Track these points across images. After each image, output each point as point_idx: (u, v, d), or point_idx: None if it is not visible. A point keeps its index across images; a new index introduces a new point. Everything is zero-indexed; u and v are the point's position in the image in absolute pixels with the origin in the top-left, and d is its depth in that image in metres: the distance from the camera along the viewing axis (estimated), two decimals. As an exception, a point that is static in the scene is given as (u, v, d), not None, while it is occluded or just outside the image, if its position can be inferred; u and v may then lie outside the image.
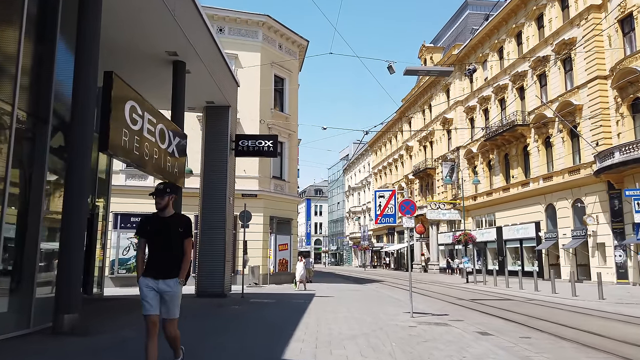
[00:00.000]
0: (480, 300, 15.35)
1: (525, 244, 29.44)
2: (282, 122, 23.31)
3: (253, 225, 21.03)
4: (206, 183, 13.97)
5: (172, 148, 9.86)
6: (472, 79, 36.73)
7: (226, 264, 13.73)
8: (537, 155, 28.20)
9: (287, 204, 23.24)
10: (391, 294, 17.65)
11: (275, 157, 15.00)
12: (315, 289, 19.09)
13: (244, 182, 21.49)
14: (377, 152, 62.29)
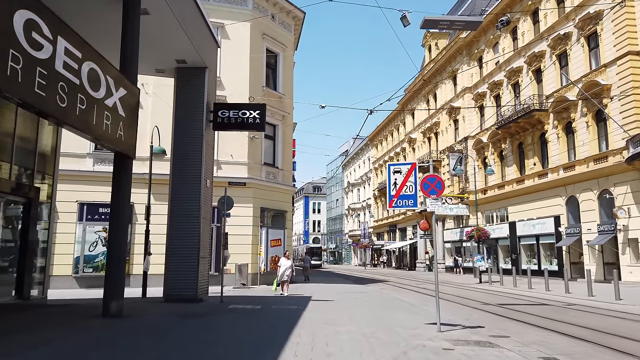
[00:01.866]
0: (510, 305, 12.77)
1: (542, 240, 26.88)
2: (275, 102, 20.71)
3: (241, 218, 18.45)
4: (176, 162, 11.35)
5: (112, 101, 7.26)
6: (482, 63, 34.15)
7: (201, 262, 11.12)
8: (556, 143, 25.63)
9: (280, 194, 20.64)
10: (400, 296, 15.07)
11: (263, 131, 12.38)
12: (312, 291, 16.49)
13: (231, 168, 18.89)
14: (378, 146, 59.70)
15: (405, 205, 8.11)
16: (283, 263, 14.41)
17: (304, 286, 19.26)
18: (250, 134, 19.19)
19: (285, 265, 14.36)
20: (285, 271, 14.25)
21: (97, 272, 17.18)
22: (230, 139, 18.96)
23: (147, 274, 12.83)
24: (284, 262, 14.46)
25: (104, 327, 7.43)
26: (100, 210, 17.41)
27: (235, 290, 16.41)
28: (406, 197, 8.03)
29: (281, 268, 14.30)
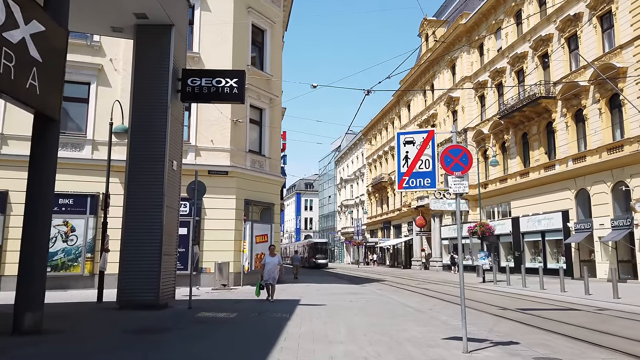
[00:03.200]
0: (532, 311, 10.92)
1: (548, 236, 25.19)
2: (262, 84, 18.69)
3: (222, 211, 16.45)
4: (135, 140, 9.33)
5: (18, 36, 5.24)
6: (483, 50, 32.37)
7: (165, 260, 9.12)
8: (564, 133, 23.92)
9: (267, 185, 18.64)
10: (402, 299, 13.17)
11: (242, 102, 10.35)
12: (301, 293, 14.55)
13: (211, 155, 16.87)
14: (372, 141, 57.85)
15: (420, 186, 6.18)
16: (268, 261, 11.60)
17: (292, 287, 17.31)
18: (234, 117, 17.17)
19: (271, 263, 11.57)
20: (271, 271, 11.53)
21: (56, 271, 15.10)
22: (211, 121, 16.95)
23: (103, 274, 10.81)
24: (269, 259, 11.61)
25: None
26: (60, 200, 15.31)
27: (214, 293, 14.41)
28: (421, 175, 6.11)
29: (266, 267, 11.54)
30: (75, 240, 15.35)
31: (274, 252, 12.10)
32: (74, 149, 15.93)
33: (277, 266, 11.75)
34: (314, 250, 48.48)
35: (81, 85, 16.21)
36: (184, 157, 16.31)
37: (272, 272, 11.62)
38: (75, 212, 15.40)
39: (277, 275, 11.79)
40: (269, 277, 11.61)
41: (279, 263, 11.82)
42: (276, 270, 11.73)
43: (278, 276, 11.84)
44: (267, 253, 12.04)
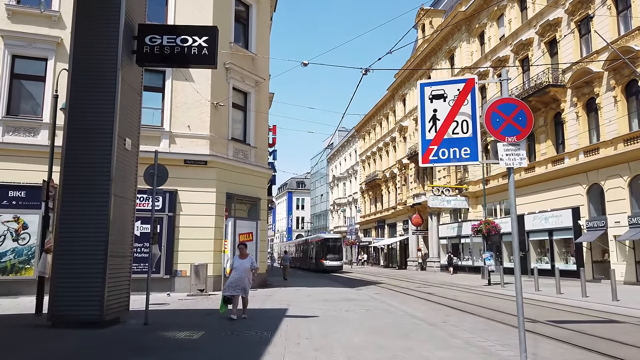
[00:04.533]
0: (568, 324, 9.08)
1: (556, 235, 23.49)
2: (247, 64, 16.70)
3: (200, 206, 14.48)
4: (74, 109, 7.30)
5: None
6: (484, 39, 30.63)
7: (112, 263, 7.12)
8: (574, 124, 22.23)
9: (252, 177, 16.66)
10: (406, 307, 11.28)
11: (214, 66, 8.37)
12: (289, 299, 12.60)
13: (187, 143, 14.86)
14: (365, 137, 56.04)
15: (455, 159, 4.32)
16: (237, 265, 8.69)
17: (279, 292, 15.37)
18: (214, 99, 15.17)
19: (240, 268, 8.60)
20: (241, 279, 8.53)
21: (5, 275, 12.99)
22: (187, 105, 14.93)
23: (44, 280, 8.76)
24: (238, 262, 8.71)
25: None
26: (10, 193, 13.21)
27: (188, 300, 12.41)
28: (456, 143, 4.26)
29: (233, 273, 8.61)
30: (27, 239, 13.25)
31: (245, 252, 8.95)
32: (28, 133, 13.81)
33: (248, 272, 8.76)
34: (323, 249, 36.82)
35: (37, 61, 14.11)
36: (156, 144, 14.32)
37: (241, 281, 8.55)
38: (28, 207, 13.28)
39: (248, 284, 8.86)
40: (237, 287, 8.55)
41: (252, 267, 8.84)
42: (248, 277, 8.77)
43: (250, 285, 9.04)
44: (236, 254, 8.97)
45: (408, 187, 41.37)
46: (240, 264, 8.75)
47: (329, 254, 36.16)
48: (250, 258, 8.99)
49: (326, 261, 35.47)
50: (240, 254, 8.97)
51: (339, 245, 37.76)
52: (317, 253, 37.78)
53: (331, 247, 36.89)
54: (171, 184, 14.32)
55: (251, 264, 8.89)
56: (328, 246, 36.84)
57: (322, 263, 35.55)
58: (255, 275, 9.29)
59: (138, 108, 8.42)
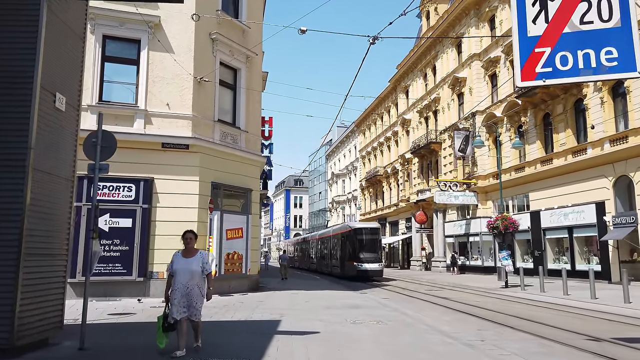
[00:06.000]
0: (636, 343, 7.07)
1: (577, 233, 21.52)
2: (237, 35, 14.65)
3: (180, 197, 12.44)
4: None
5: None
6: (494, 23, 28.64)
7: (26, 264, 5.06)
8: (599, 110, 20.26)
9: (242, 165, 14.61)
10: (424, 316, 9.26)
11: (181, 2, 6.40)
12: (283, 307, 10.56)
13: (166, 123, 12.80)
14: (366, 133, 54.05)
15: (587, 70, 2.25)
16: (179, 267, 5.53)
17: (274, 296, 13.33)
18: (198, 73, 13.11)
19: (183, 271, 5.50)
20: (187, 293, 5.47)
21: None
22: (166, 79, 12.87)
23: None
24: (180, 264, 5.55)
25: None
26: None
27: (162, 307, 10.34)
28: (590, 40, 2.16)
29: (176, 280, 5.50)
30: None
31: (193, 246, 5.71)
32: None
33: (197, 278, 5.52)
34: (353, 244, 24.55)
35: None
36: (129, 125, 12.26)
37: (189, 296, 5.44)
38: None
39: (199, 299, 5.56)
40: (180, 305, 5.41)
41: (203, 271, 5.59)
42: (197, 287, 5.50)
43: (204, 301, 5.65)
44: (177, 252, 5.75)
45: (411, 183, 39.38)
46: (184, 267, 5.45)
47: (364, 252, 23.84)
48: (200, 256, 5.63)
49: (360, 263, 23.19)
50: (185, 250, 5.64)
51: (377, 239, 24.92)
52: (344, 251, 25.93)
53: (367, 242, 24.38)
54: (146, 171, 12.32)
55: (202, 266, 5.55)
56: (361, 240, 24.40)
57: (353, 266, 23.53)
58: (210, 288, 5.64)
59: (79, 57, 6.37)
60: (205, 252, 5.92)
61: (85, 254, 11.67)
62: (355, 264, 23.41)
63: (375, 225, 26.94)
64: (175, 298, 5.46)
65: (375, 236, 25.22)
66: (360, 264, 23.32)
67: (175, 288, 5.49)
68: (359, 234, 24.87)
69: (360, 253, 23.88)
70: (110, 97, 12.60)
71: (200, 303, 5.63)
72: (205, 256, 5.79)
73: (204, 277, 5.67)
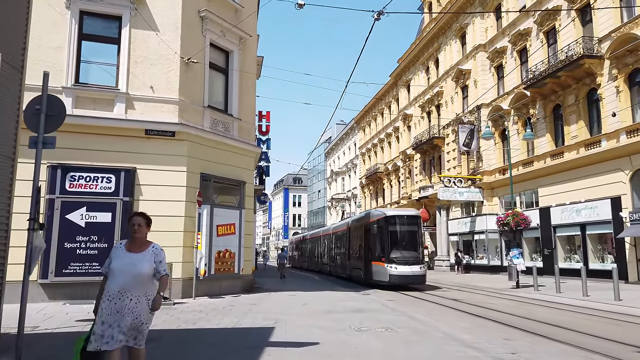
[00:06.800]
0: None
1: (590, 230, 20.40)
2: (229, 15, 13.48)
3: (165, 189, 11.31)
4: None
5: None
6: (501, 12, 27.50)
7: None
8: (614, 100, 19.14)
9: (235, 155, 13.45)
10: (443, 325, 8.12)
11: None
12: (278, 312, 9.42)
13: (150, 108, 11.63)
14: (366, 129, 52.92)
15: None
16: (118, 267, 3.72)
17: (268, 298, 12.18)
18: (185, 54, 11.94)
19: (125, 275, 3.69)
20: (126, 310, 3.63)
21: None
22: (150, 60, 11.71)
23: None
24: (122, 261, 3.74)
25: None
26: None
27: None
28: None
29: (110, 284, 3.70)
30: None
31: (143, 237, 3.95)
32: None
33: (149, 284, 3.81)
34: (386, 238, 17.55)
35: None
36: (108, 110, 11.11)
37: (129, 311, 3.65)
38: None
39: (147, 318, 3.77)
40: (112, 326, 3.59)
41: (156, 275, 3.84)
42: (145, 300, 3.73)
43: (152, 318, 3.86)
44: (118, 244, 3.97)
45: (413, 179, 38.26)
46: (126, 266, 3.73)
47: (400, 250, 17.09)
48: (153, 252, 3.87)
49: (394, 265, 16.65)
50: (129, 241, 3.93)
51: (417, 232, 17.97)
52: (369, 249, 18.54)
53: (403, 236, 17.70)
54: (128, 161, 11.17)
55: (154, 267, 3.81)
56: (396, 233, 17.61)
57: (383, 269, 16.92)
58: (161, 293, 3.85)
59: (24, 9, 5.21)
60: (159, 247, 3.96)
61: (59, 251, 10.54)
62: (387, 267, 16.60)
63: (414, 213, 18.78)
64: (104, 314, 3.57)
65: (415, 227, 17.88)
66: (395, 266, 16.55)
67: (108, 298, 3.62)
68: (392, 223, 17.56)
69: (394, 251, 16.99)
70: (87, 78, 11.43)
71: (148, 322, 3.76)
72: (160, 253, 3.90)
73: (155, 283, 3.80)
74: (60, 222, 10.56)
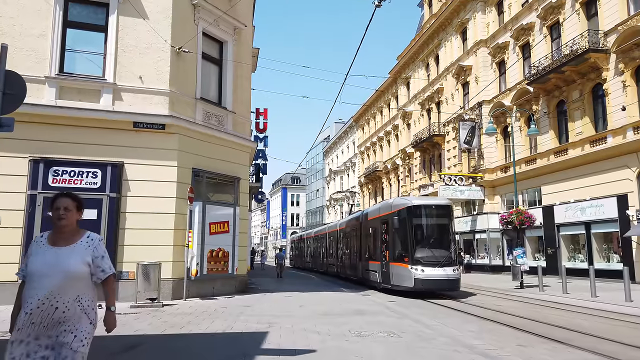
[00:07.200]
0: None
1: (595, 229, 19.89)
2: (222, 3, 12.87)
3: (154, 185, 10.75)
4: None
5: None
6: (502, 7, 26.98)
7: None
8: (620, 95, 18.62)
9: (229, 150, 12.86)
10: (451, 329, 7.57)
11: None
12: (273, 314, 8.85)
13: (139, 99, 11.04)
14: (364, 128, 52.36)
15: None
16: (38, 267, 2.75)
17: (263, 299, 11.61)
18: (176, 43, 11.36)
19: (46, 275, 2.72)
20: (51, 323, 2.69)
21: None
22: (140, 49, 11.12)
23: None
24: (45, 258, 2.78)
25: None
26: None
27: (128, 315, 8.60)
28: None
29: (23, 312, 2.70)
30: None
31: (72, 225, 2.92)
32: None
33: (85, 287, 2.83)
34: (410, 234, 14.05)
35: None
36: (95, 101, 10.54)
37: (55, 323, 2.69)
38: None
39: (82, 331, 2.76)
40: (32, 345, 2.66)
41: (95, 274, 2.89)
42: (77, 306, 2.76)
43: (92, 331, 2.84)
44: (39, 237, 2.94)
45: (412, 178, 37.72)
46: (49, 266, 2.76)
47: (425, 247, 14.05)
48: (87, 243, 2.91)
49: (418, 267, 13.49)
50: (52, 232, 2.94)
51: (448, 226, 14.80)
52: (389, 247, 15.09)
53: (430, 230, 14.74)
54: (115, 155, 10.59)
55: (90, 262, 2.88)
56: (421, 227, 14.58)
57: (406, 272, 13.73)
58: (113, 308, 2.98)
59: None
60: (97, 237, 3.01)
61: (41, 250, 9.92)
62: (412, 269, 13.36)
63: (445, 202, 15.41)
64: (23, 332, 2.68)
65: (446, 220, 14.61)
66: (421, 267, 13.28)
67: (26, 310, 2.70)
68: (417, 215, 14.26)
69: (421, 249, 13.79)
70: (73, 68, 10.83)
71: (84, 336, 2.76)
72: (100, 245, 2.97)
73: (95, 283, 2.93)
74: (43, 219, 9.96)
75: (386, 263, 15.00)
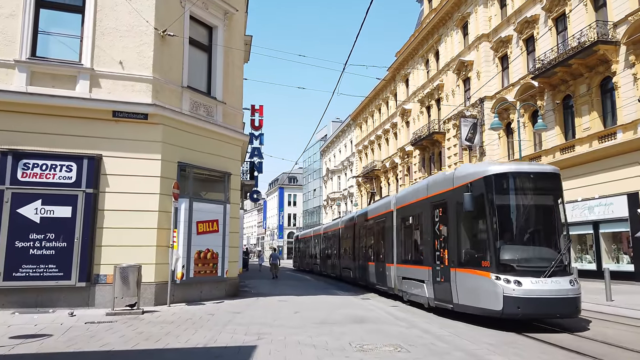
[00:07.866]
0: None
1: (604, 228, 19.09)
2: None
3: (136, 180, 9.88)
4: None
5: None
6: (505, 0, 26.16)
7: None
8: (630, 89, 17.82)
9: (219, 143, 11.93)
10: (467, 343, 6.68)
11: None
12: (263, 322, 7.94)
13: (119, 87, 10.11)
14: (362, 126, 51.52)
15: None
16: None
17: (254, 304, 10.70)
18: (160, 25, 10.43)
19: None
20: None
21: None
22: (120, 31, 10.19)
23: None
24: None
25: None
26: None
27: (103, 323, 7.69)
28: None
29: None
30: None
31: None
32: None
33: None
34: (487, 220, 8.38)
35: None
36: (70, 88, 9.62)
37: None
38: None
39: None
40: None
41: None
42: None
43: None
44: None
45: (411, 177, 36.87)
46: None
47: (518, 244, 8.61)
48: None
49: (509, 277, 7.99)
50: None
51: (553, 208, 8.88)
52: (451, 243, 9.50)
53: (527, 214, 8.81)
54: (92, 147, 9.67)
55: None
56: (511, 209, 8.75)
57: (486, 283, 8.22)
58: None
59: None
60: None
61: (8, 251, 9.00)
62: (497, 280, 8.11)
63: (551, 169, 9.33)
64: None
65: (551, 200, 9.04)
66: (515, 278, 8.01)
67: None
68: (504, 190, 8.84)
69: (513, 247, 8.61)
70: (46, 52, 9.89)
71: None
72: None
73: None
74: (11, 218, 9.04)
75: (444, 269, 9.59)
